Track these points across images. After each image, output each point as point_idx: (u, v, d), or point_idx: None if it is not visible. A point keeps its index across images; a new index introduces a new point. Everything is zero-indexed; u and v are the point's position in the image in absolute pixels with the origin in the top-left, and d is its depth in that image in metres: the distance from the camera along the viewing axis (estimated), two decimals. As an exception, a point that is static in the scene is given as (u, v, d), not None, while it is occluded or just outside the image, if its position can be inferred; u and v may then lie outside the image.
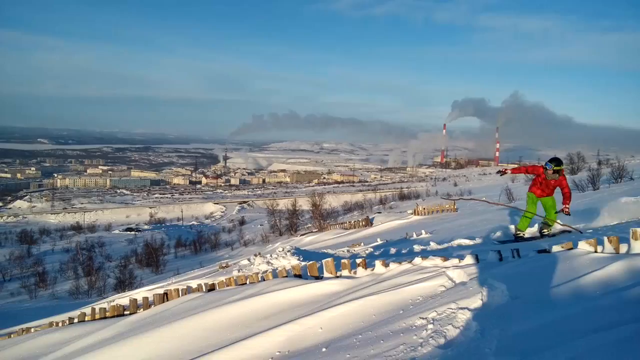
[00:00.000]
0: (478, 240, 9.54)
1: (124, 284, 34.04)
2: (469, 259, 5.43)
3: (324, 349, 4.13)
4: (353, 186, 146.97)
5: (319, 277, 6.39)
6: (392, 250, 10.19)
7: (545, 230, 8.97)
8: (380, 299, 4.81)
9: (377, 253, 10.43)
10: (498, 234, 9.81)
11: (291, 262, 8.19)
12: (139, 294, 14.11)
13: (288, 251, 9.23)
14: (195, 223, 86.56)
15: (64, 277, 44.81)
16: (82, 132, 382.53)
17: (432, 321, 3.96)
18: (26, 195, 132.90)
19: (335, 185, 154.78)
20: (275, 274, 6.83)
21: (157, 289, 13.90)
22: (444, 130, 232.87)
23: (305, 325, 4.67)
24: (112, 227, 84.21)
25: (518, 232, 9.16)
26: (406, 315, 4.31)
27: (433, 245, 9.61)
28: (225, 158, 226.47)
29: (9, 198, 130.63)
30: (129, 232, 76.08)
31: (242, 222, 76.35)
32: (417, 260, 5.79)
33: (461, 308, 4.00)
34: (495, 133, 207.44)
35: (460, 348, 3.44)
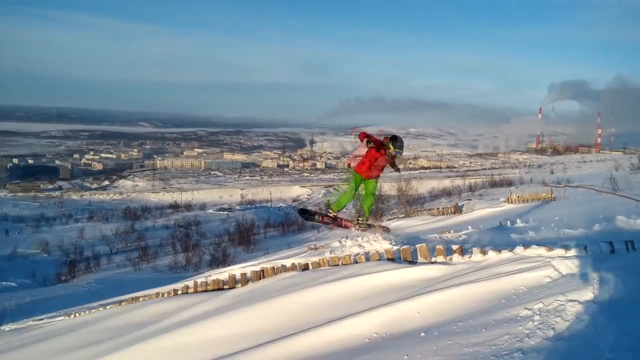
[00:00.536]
0: (581, 231, 9.00)
1: (218, 261, 35.83)
2: (576, 250, 5.15)
3: (422, 334, 4.12)
4: (440, 172, 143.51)
5: (412, 262, 6.36)
6: (487, 239, 9.87)
7: (361, 219, 8.28)
8: (480, 287, 4.70)
9: (470, 241, 10.16)
10: (602, 225, 9.18)
11: (383, 245, 8.19)
12: (233, 270, 14.79)
13: (379, 235, 9.24)
14: (282, 205, 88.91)
15: (163, 252, 47.96)
16: (179, 116, 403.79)
17: (538, 312, 3.81)
18: (130, 175, 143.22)
19: (422, 170, 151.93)
20: (367, 257, 6.88)
21: (250, 266, 14.48)
22: (540, 115, 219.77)
23: (401, 309, 4.68)
24: (207, 207, 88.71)
25: (330, 212, 8.45)
26: (509, 305, 4.18)
27: (532, 234, 9.20)
28: (312, 142, 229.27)
29: (115, 177, 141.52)
30: (222, 212, 79.71)
31: (327, 206, 77.17)
32: (519, 249, 5.58)
33: (570, 300, 3.81)
34: (597, 118, 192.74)
35: (572, 342, 3.29)
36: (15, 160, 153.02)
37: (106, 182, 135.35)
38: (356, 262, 6.85)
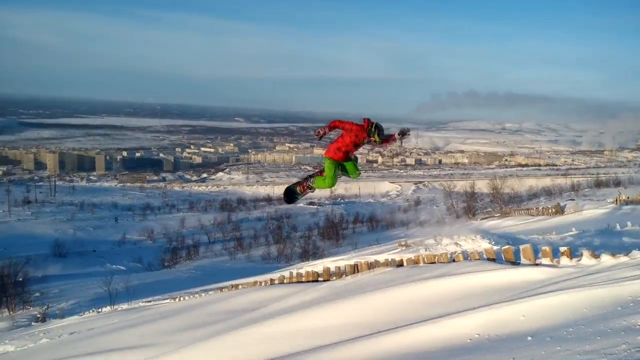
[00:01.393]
0: None
1: (308, 254, 36.62)
2: None
3: (529, 338, 3.96)
4: (539, 170, 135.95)
5: (514, 263, 6.11)
6: (595, 242, 9.24)
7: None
8: (592, 293, 4.43)
9: (577, 243, 9.56)
10: None
11: (481, 245, 7.93)
12: (324, 263, 15.05)
13: (477, 234, 8.97)
14: (371, 201, 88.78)
15: (257, 243, 49.87)
16: (272, 112, 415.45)
17: (662, 323, 3.52)
18: (226, 168, 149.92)
19: (519, 168, 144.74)
20: (466, 255, 6.70)
21: (341, 260, 14.66)
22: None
23: (505, 311, 4.52)
24: (300, 200, 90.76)
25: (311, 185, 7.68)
26: (626, 313, 3.90)
27: (648, 239, 8.48)
28: (417, 136, 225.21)
29: (213, 170, 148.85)
30: (311, 206, 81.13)
31: (417, 202, 76.11)
32: (637, 253, 5.18)
33: (701, 312, 3.48)
34: None
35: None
36: (125, 153, 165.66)
37: (205, 175, 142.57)
38: (454, 261, 6.70)
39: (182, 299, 11.78)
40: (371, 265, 7.74)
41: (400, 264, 7.34)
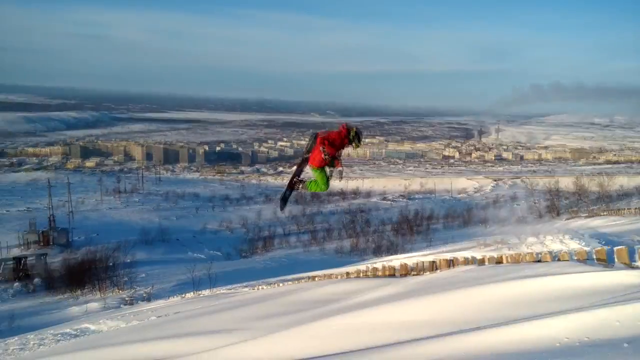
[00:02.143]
0: None
1: (382, 249, 36.52)
2: None
3: (625, 345, 3.75)
4: (631, 167, 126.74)
5: (607, 266, 5.78)
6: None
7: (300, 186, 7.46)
8: (700, 301, 4.11)
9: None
10: None
11: (570, 245, 7.56)
12: (397, 259, 14.95)
13: (564, 233, 8.55)
14: (447, 197, 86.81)
15: (331, 237, 50.43)
16: (345, 106, 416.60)
17: None
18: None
19: (608, 165, 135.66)
20: (554, 256, 6.43)
21: (417, 257, 14.50)
22: None
23: (598, 316, 4.30)
24: (372, 195, 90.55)
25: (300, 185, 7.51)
26: None
27: None
28: (481, 132, 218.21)
29: (288, 164, 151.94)
30: (386, 201, 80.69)
31: (496, 200, 73.54)
32: None
33: None
34: None
35: None
36: (206, 147, 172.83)
37: (281, 168, 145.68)
38: (539, 261, 6.45)
39: (260, 288, 12.17)
40: (451, 263, 7.61)
41: (482, 262, 7.16)
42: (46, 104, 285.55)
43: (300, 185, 7.63)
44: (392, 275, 8.42)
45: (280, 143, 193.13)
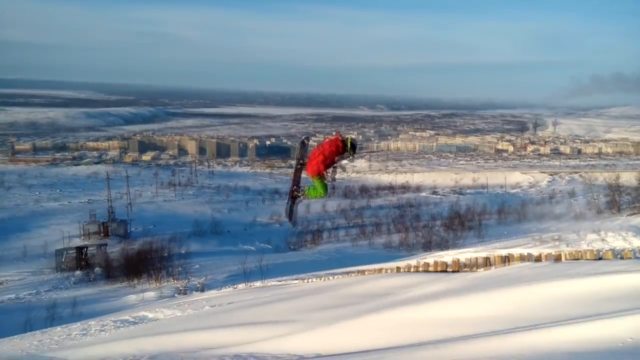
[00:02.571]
0: None
1: (432, 244, 36.04)
2: None
3: (695, 347, 3.58)
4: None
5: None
6: None
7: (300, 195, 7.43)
8: None
9: None
10: None
11: (632, 243, 7.24)
12: (448, 255, 14.69)
13: (626, 230, 8.18)
14: (500, 192, 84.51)
15: (379, 231, 50.18)
16: (395, 99, 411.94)
17: None
18: (365, 155, 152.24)
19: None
20: (617, 253, 6.18)
21: (465, 253, 14.20)
22: None
23: (665, 317, 4.12)
24: (422, 190, 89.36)
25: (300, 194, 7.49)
26: None
27: None
28: (537, 125, 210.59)
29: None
30: (436, 196, 79.47)
31: (552, 195, 71.03)
32: None
33: None
34: None
35: None
36: (256, 141, 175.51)
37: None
38: (601, 259, 6.21)
39: (311, 281, 12.29)
40: (505, 259, 7.45)
41: (538, 259, 6.97)
42: (105, 100, 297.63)
43: (301, 194, 7.66)
44: (445, 271, 8.33)
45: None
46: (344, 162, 7.27)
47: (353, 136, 7.40)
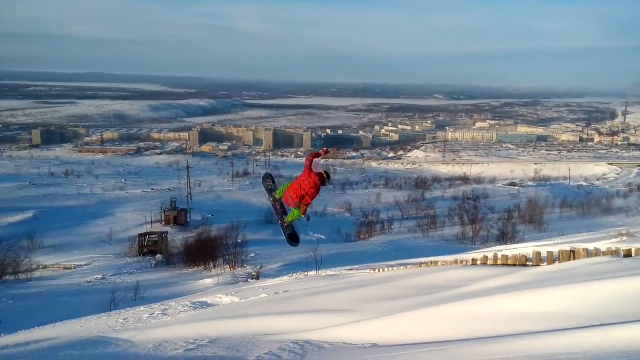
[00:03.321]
0: None
1: (506, 236, 34.88)
2: None
3: None
4: None
5: None
6: None
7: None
8: None
9: None
10: None
11: None
12: (525, 248, 14.01)
13: None
14: (583, 184, 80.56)
15: (451, 223, 49.11)
16: (471, 88, 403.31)
17: None
18: (422, 146, 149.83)
19: None
20: None
21: (543, 246, 13.49)
22: None
23: None
24: (496, 181, 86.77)
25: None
26: None
27: None
28: (625, 113, 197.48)
29: (409, 147, 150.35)
30: (512, 187, 76.98)
31: (622, 188, 67.29)
32: None
33: None
34: None
35: None
36: (328, 131, 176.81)
37: (401, 152, 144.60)
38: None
39: (372, 271, 12.06)
40: (572, 254, 6.93)
41: (628, 254, 6.41)
42: (172, 92, 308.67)
43: (287, 225, 7.90)
44: (512, 265, 7.90)
45: (401, 126, 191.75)
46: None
47: (325, 170, 7.39)
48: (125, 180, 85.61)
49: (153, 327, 8.73)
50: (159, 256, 36.91)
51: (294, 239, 7.92)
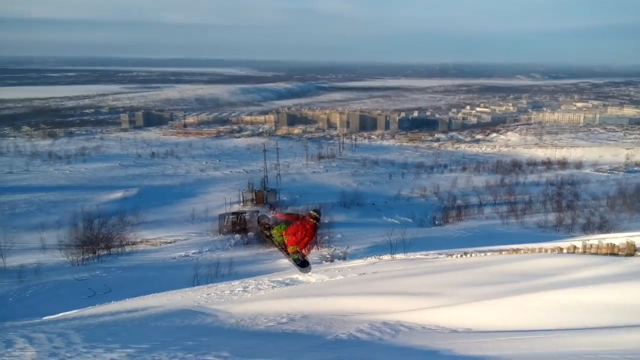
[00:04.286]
0: None
1: (594, 225, 32.83)
2: None
3: None
4: None
5: None
6: None
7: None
8: None
9: None
10: None
11: None
12: (616, 238, 13.18)
13: None
14: None
15: (532, 209, 46.96)
16: (559, 67, 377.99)
17: None
18: (502, 129, 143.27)
19: None
20: None
21: (636, 237, 12.65)
22: None
23: None
24: (584, 166, 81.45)
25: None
26: None
27: None
28: None
29: (488, 131, 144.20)
30: (602, 173, 71.88)
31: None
32: None
33: None
34: None
35: None
36: (402, 114, 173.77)
37: (479, 136, 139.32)
38: None
39: (458, 256, 11.93)
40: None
41: None
42: (261, 76, 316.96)
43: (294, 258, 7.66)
44: (612, 254, 7.53)
45: (479, 109, 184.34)
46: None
47: (313, 209, 7.34)
48: (218, 161, 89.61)
49: (247, 300, 9.27)
50: (250, 234, 38.49)
51: (304, 265, 8.00)
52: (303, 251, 7.08)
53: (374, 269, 13.57)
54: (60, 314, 11.37)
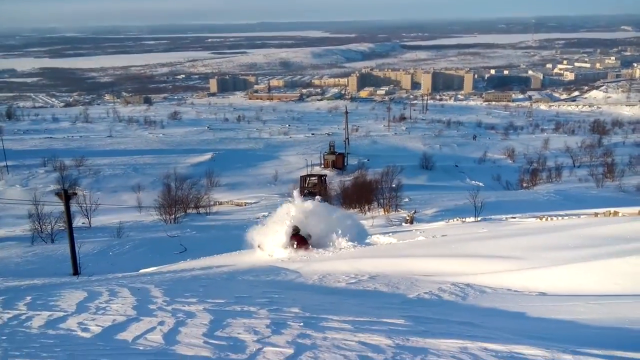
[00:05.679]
0: None
1: None
2: None
3: None
4: None
5: None
6: None
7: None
8: None
9: None
10: None
11: None
12: None
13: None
14: None
15: (632, 171, 43.44)
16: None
17: None
18: (602, 86, 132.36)
19: None
20: None
21: None
22: None
23: None
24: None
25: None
26: None
27: None
28: None
29: (586, 88, 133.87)
30: None
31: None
32: None
33: None
34: None
35: None
36: (492, 71, 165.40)
37: (576, 93, 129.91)
38: None
39: (548, 219, 11.16)
40: None
41: None
42: (333, 38, 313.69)
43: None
44: None
45: (577, 64, 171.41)
46: None
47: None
48: (289, 125, 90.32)
49: (316, 260, 9.23)
50: (318, 197, 38.45)
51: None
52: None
53: (444, 232, 13.08)
54: (156, 267, 12.10)
